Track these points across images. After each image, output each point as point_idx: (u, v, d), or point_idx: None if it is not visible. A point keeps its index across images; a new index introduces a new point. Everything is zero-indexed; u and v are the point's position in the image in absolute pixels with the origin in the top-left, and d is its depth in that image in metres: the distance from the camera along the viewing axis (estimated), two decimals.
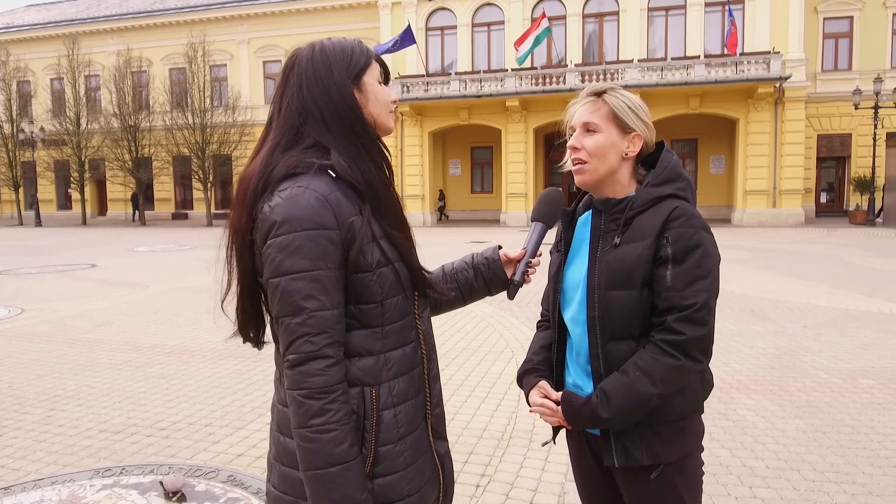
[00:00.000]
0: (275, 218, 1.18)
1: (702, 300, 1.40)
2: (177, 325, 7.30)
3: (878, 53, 23.67)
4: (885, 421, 4.01)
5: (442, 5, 26.15)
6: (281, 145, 1.27)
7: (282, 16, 29.70)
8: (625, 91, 1.57)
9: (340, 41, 1.31)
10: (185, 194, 32.46)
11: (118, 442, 3.84)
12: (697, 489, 1.56)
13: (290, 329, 1.19)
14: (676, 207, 1.46)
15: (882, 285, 9.32)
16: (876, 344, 5.96)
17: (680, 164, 1.57)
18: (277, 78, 1.33)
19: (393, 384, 1.28)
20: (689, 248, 1.42)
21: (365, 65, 1.30)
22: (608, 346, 1.49)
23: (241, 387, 4.92)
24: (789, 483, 3.17)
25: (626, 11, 24.33)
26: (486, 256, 1.61)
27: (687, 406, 1.51)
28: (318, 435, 1.16)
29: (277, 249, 1.18)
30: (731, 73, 21.72)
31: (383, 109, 1.33)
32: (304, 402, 1.17)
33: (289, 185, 1.21)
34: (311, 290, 1.17)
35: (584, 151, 1.54)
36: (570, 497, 3.05)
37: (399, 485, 1.27)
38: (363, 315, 1.26)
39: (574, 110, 1.60)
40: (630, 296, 1.46)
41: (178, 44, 29.70)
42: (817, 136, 24.56)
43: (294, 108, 1.27)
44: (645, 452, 1.48)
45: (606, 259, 1.50)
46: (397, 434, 1.27)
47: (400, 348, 1.31)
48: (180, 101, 28.92)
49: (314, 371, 1.17)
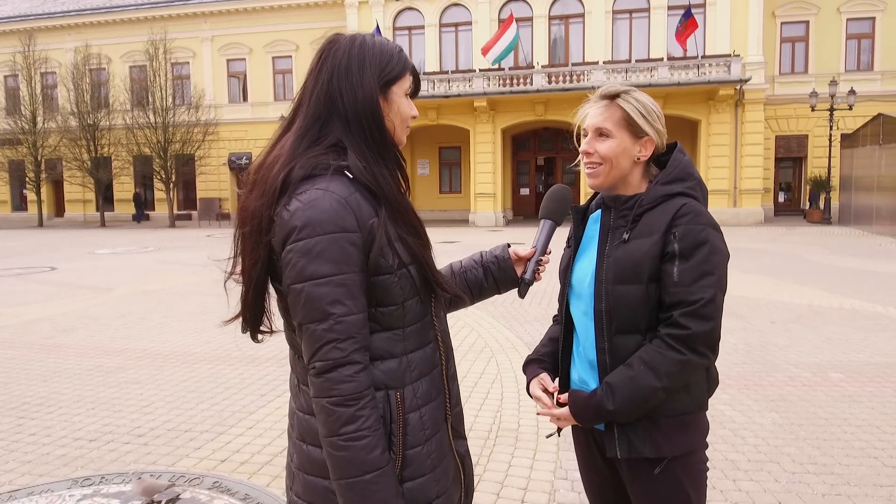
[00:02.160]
0: (295, 223, 1.16)
1: (708, 296, 1.42)
2: (146, 329, 7.13)
3: (832, 57, 24.43)
4: (855, 413, 4.14)
5: (409, 5, 26.09)
6: (307, 138, 1.25)
7: (246, 13, 29.21)
8: (638, 94, 1.58)
9: (383, 43, 1.29)
10: (147, 195, 31.69)
11: (95, 450, 3.73)
12: (702, 485, 1.59)
13: (317, 335, 1.16)
14: (685, 205, 1.48)
15: (841, 282, 9.63)
16: (841, 338, 6.16)
17: (692, 163, 1.59)
18: (313, 59, 1.30)
19: (416, 386, 1.27)
20: (697, 244, 1.45)
21: (398, 75, 1.28)
22: (615, 340, 1.51)
23: (219, 391, 4.83)
24: (770, 475, 3.26)
25: (591, 14, 24.63)
26: (496, 255, 1.60)
27: (691, 402, 1.53)
28: (351, 443, 1.14)
29: (300, 254, 1.15)
30: (693, 76, 22.17)
31: (401, 123, 1.32)
32: (334, 409, 1.15)
33: (307, 187, 1.19)
34: (336, 294, 1.15)
35: (597, 156, 1.56)
36: (561, 495, 3.08)
37: (428, 487, 1.26)
38: (384, 317, 1.24)
39: (586, 112, 1.61)
40: (637, 290, 1.48)
41: (138, 41, 28.91)
42: (775, 137, 25.22)
43: (322, 98, 1.25)
44: (648, 445, 1.49)
45: (615, 254, 1.52)
46: (424, 436, 1.26)
47: (420, 349, 1.30)
48: (141, 99, 28.20)
49: (343, 377, 1.15)
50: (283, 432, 3.96)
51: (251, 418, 4.22)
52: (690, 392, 1.51)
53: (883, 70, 24.10)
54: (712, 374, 1.57)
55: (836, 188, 22.64)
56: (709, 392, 1.57)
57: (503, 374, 5.14)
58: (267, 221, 1.21)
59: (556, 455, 3.53)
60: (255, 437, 3.90)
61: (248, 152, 29.95)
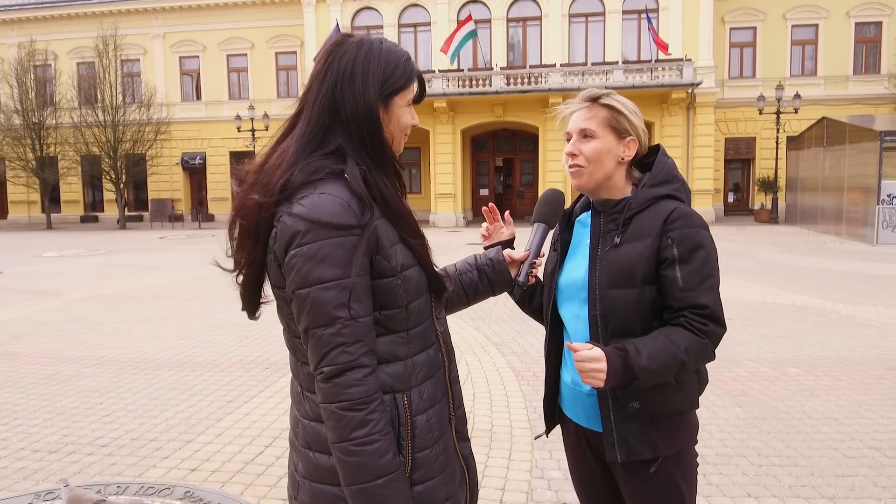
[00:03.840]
0: (298, 227, 1.15)
1: (713, 297, 1.48)
2: (102, 335, 6.90)
3: (779, 62, 25.35)
4: (814, 406, 4.31)
5: (367, 4, 25.93)
6: (310, 145, 1.23)
7: (199, 10, 28.56)
8: (619, 96, 1.61)
9: (391, 50, 1.28)
10: (95, 196, 30.66)
11: (56, 462, 3.59)
12: (693, 481, 1.62)
13: (324, 340, 1.14)
14: (676, 209, 1.52)
15: (791, 279, 9.99)
16: (795, 334, 6.39)
17: (675, 166, 1.63)
18: (318, 60, 1.29)
19: (422, 388, 1.27)
20: (694, 247, 1.48)
21: (402, 86, 1.28)
22: (610, 344, 1.53)
23: (183, 398, 4.70)
24: (738, 469, 3.36)
25: (548, 17, 24.94)
26: (491, 258, 1.62)
27: (685, 402, 1.56)
28: (362, 447, 1.13)
29: (304, 259, 1.14)
30: (647, 79, 22.69)
31: (400, 133, 1.32)
32: (344, 414, 1.13)
33: (309, 191, 1.18)
34: (343, 298, 1.14)
35: (582, 157, 1.57)
36: (539, 494, 3.11)
37: (437, 490, 1.25)
38: (388, 321, 1.24)
39: (568, 111, 1.62)
40: (632, 294, 1.50)
41: (86, 37, 27.95)
42: (725, 140, 26.02)
43: (326, 104, 1.24)
44: (646, 446, 1.52)
45: (607, 258, 1.54)
46: (432, 438, 1.26)
47: (424, 352, 1.29)
48: (90, 97, 27.26)
49: (352, 381, 1.14)
50: (254, 440, 3.89)
51: (219, 425, 4.13)
52: (684, 391, 1.55)
53: (826, 75, 25.14)
54: (702, 373, 1.61)
55: (782, 189, 23.49)
56: (699, 390, 1.60)
57: (473, 375, 5.16)
58: (266, 223, 1.20)
59: (531, 455, 3.56)
60: (225, 444, 3.82)
61: (202, 152, 29.30)
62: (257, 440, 3.87)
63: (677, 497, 1.55)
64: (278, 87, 28.78)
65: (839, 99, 24.56)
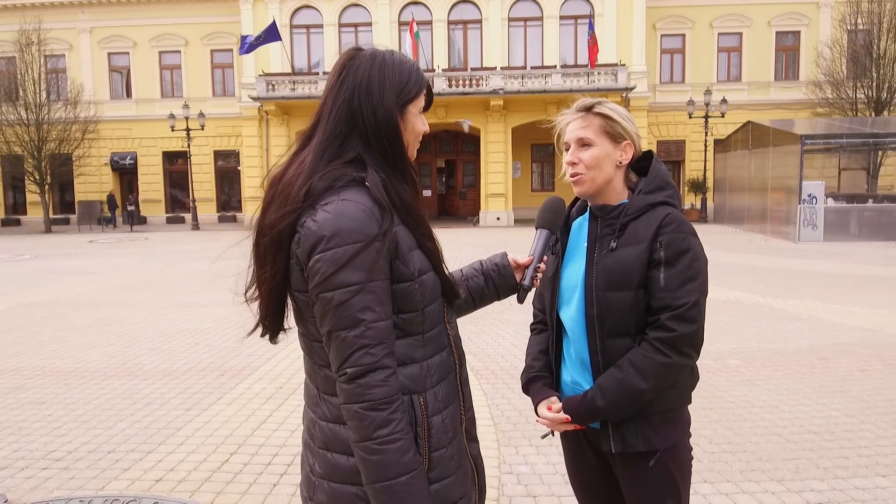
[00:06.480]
0: (323, 232, 1.19)
1: (692, 300, 1.56)
2: (40, 345, 6.60)
3: (707, 68, 26.51)
4: (756, 395, 4.59)
5: (306, 3, 25.57)
6: (327, 154, 1.28)
7: (129, 5, 27.45)
8: (611, 104, 1.70)
9: (402, 60, 1.33)
10: (17, 198, 29.02)
11: (9, 478, 3.44)
12: (688, 473, 1.72)
13: (348, 342, 1.19)
14: (668, 214, 1.61)
15: (724, 275, 10.50)
16: (733, 328, 6.75)
17: (669, 173, 1.74)
18: (331, 73, 1.32)
19: (437, 390, 1.32)
20: (680, 252, 1.58)
21: (415, 95, 1.33)
22: (606, 343, 1.62)
23: (138, 408, 4.57)
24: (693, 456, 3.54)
25: (488, 20, 25.26)
26: (496, 263, 1.67)
27: (678, 399, 1.66)
28: (386, 446, 1.18)
29: (328, 263, 1.18)
30: (584, 83, 23.31)
31: (413, 140, 1.38)
32: (367, 414, 1.18)
33: (332, 198, 1.22)
34: (366, 301, 1.19)
35: (582, 164, 1.66)
36: (509, 489, 3.20)
37: (453, 488, 1.31)
38: (405, 324, 1.29)
39: (564, 121, 1.70)
40: (627, 297, 1.59)
41: (7, 30, 26.37)
42: (657, 142, 27.00)
43: (343, 115, 1.28)
44: (640, 439, 1.62)
45: (604, 262, 1.63)
46: (447, 438, 1.31)
47: (438, 354, 1.35)
48: (10, 94, 25.77)
49: (375, 382, 1.18)
50: (218, 447, 3.83)
51: (180, 434, 4.04)
52: (677, 389, 1.64)
53: (749, 81, 26.47)
54: (695, 371, 1.72)
55: (711, 189, 24.60)
56: (692, 387, 1.71)
57: None
58: (287, 234, 1.24)
59: (497, 451, 3.66)
60: (189, 453, 3.75)
61: (132, 151, 28.18)
62: (222, 447, 3.82)
63: (672, 489, 1.65)
64: (214, 85, 27.98)
65: (762, 104, 25.89)
